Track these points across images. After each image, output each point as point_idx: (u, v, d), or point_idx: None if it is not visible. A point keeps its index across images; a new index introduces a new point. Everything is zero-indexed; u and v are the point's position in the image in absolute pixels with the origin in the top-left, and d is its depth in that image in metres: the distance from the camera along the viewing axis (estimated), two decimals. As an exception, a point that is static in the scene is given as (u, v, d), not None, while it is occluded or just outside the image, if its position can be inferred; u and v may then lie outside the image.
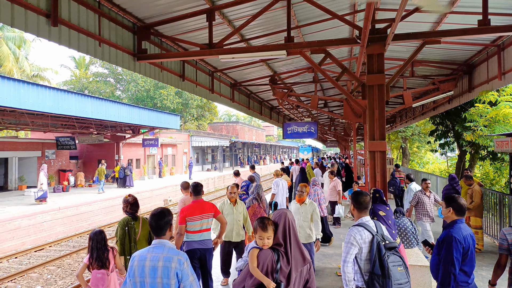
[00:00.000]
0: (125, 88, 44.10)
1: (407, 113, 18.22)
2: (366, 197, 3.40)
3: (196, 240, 4.84)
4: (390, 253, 3.14)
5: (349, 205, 6.47)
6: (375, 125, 5.81)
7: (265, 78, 11.22)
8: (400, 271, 3.11)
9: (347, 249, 3.23)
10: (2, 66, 29.83)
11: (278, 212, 3.01)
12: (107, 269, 4.06)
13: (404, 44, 8.36)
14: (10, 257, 11.30)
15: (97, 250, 4.07)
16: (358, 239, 3.20)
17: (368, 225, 3.29)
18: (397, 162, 33.11)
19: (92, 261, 4.06)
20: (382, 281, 3.05)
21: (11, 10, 4.32)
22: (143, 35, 6.60)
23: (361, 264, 3.23)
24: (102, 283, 3.99)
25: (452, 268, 3.27)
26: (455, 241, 3.30)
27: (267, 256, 2.81)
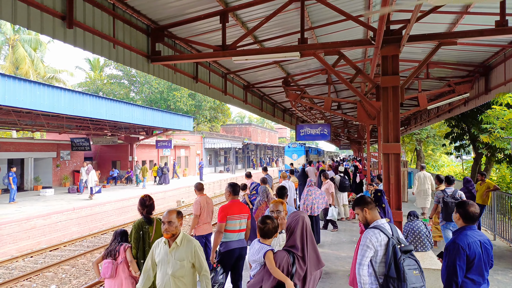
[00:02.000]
0: (139, 90, 44.59)
1: (421, 115, 17.96)
2: (367, 197, 3.42)
3: (235, 239, 4.88)
4: (406, 256, 3.10)
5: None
6: (389, 127, 5.73)
7: (278, 80, 11.19)
8: (415, 275, 3.07)
9: (363, 252, 3.20)
10: (19, 68, 30.51)
11: (295, 215, 2.98)
12: (115, 259, 4.25)
13: (419, 45, 8.24)
14: (26, 256, 11.50)
15: (112, 243, 4.37)
16: (374, 241, 3.16)
17: (384, 227, 3.25)
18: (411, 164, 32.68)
19: (105, 251, 4.35)
20: (397, 284, 3.01)
21: (28, 13, 4.39)
22: (157, 37, 6.65)
23: (376, 267, 3.19)
24: (107, 271, 4.16)
25: (454, 277, 3.21)
26: (458, 248, 3.24)
27: (283, 258, 2.79)
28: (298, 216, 2.93)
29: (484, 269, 3.27)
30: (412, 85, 12.09)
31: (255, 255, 3.06)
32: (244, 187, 8.40)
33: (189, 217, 18.35)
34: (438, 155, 36.71)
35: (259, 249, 3.06)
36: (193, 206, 6.58)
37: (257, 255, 3.02)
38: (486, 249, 3.28)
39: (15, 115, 15.92)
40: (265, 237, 3.17)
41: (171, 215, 3.35)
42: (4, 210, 14.01)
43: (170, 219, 3.31)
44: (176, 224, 3.33)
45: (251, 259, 3.14)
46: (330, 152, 62.97)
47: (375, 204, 3.47)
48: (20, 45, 31.14)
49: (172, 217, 3.34)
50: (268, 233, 3.16)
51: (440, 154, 36.31)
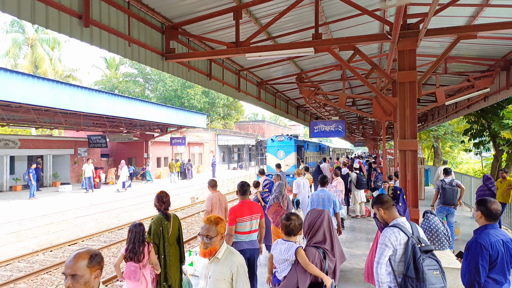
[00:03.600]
0: (154, 87, 44.99)
1: (439, 112, 17.61)
2: (385, 196, 3.34)
3: (244, 240, 4.78)
4: (426, 256, 3.03)
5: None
6: (406, 124, 5.62)
7: (291, 76, 11.13)
8: (435, 275, 3.00)
9: (381, 251, 3.14)
10: (39, 67, 31.16)
11: (317, 211, 2.94)
12: (141, 262, 4.12)
13: (437, 39, 8.06)
14: (45, 250, 11.77)
15: (133, 242, 4.14)
16: (393, 240, 3.10)
17: (404, 226, 3.18)
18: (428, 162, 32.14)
19: (127, 252, 4.14)
20: (416, 284, 2.95)
21: (46, 12, 4.46)
22: (171, 35, 6.68)
23: (395, 266, 3.14)
24: (133, 275, 4.06)
25: (477, 276, 3.13)
26: (480, 247, 3.15)
27: (315, 254, 2.76)
28: (322, 212, 2.89)
29: (506, 268, 3.19)
30: (429, 80, 11.85)
31: (284, 254, 2.97)
32: (256, 184, 8.38)
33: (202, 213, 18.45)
34: (456, 152, 35.99)
35: (287, 247, 2.97)
36: (205, 203, 6.61)
37: (287, 254, 2.94)
38: (508, 248, 3.18)
39: (34, 113, 16.27)
40: (290, 234, 3.09)
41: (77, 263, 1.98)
42: (24, 205, 14.36)
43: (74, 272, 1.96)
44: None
45: (279, 259, 3.03)
46: (339, 149, 53.52)
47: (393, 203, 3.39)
48: (38, 44, 31.79)
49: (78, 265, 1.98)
50: (294, 230, 3.08)
51: (458, 151, 35.59)
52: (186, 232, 14.37)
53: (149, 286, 4.16)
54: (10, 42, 31.08)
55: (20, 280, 9.00)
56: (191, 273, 6.39)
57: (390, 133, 24.19)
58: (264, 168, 18.74)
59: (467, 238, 8.75)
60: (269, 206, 6.31)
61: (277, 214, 6.17)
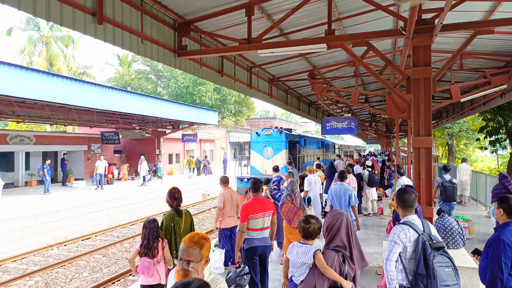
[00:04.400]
0: (166, 84, 45.28)
1: (454, 109, 17.31)
2: (411, 195, 3.25)
3: (256, 237, 4.76)
4: (437, 253, 2.99)
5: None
6: (420, 121, 5.54)
7: (303, 72, 11.06)
8: (447, 272, 2.95)
9: (390, 247, 3.11)
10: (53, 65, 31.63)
11: (337, 214, 2.89)
12: (155, 258, 4.16)
13: (452, 35, 7.91)
14: (60, 244, 11.97)
15: (148, 238, 4.17)
16: (402, 237, 3.07)
17: (414, 223, 3.14)
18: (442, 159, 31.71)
19: (142, 248, 4.18)
20: (427, 281, 2.92)
21: (60, 10, 4.51)
22: (183, 32, 6.69)
23: (406, 263, 3.12)
24: (147, 271, 4.10)
25: (499, 273, 3.08)
26: (503, 244, 3.10)
27: (334, 258, 2.71)
28: (341, 215, 2.83)
29: None
30: (444, 76, 11.66)
31: (301, 257, 2.91)
32: (267, 181, 8.34)
33: (214, 210, 18.54)
34: (471, 150, 35.40)
35: (305, 250, 2.91)
36: (217, 199, 6.63)
37: (305, 257, 2.88)
38: None
39: (49, 110, 16.53)
40: (308, 238, 3.04)
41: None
42: (39, 200, 14.63)
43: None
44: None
45: (296, 262, 2.98)
46: (348, 146, 48.34)
47: None
48: (53, 42, 32.25)
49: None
50: (313, 233, 3.03)
51: (473, 149, 35.00)
52: (198, 228, 14.46)
53: (163, 281, 4.20)
54: (26, 39, 31.60)
55: (35, 273, 9.18)
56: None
57: (404, 131, 23.90)
58: (248, 170, 16.75)
59: (481, 237, 8.61)
60: (282, 204, 6.29)
61: (290, 211, 6.16)
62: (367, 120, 23.56)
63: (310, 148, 21.06)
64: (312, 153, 20.94)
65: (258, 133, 16.38)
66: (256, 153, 16.18)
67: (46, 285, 8.58)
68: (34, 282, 8.72)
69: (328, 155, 26.76)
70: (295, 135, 17.72)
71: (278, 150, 15.67)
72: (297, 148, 17.24)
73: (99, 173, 18.86)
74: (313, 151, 21.55)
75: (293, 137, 17.03)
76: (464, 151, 34.50)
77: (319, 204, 9.17)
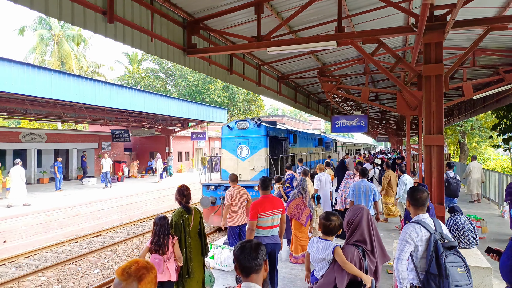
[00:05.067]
0: (175, 83, 45.46)
1: (466, 106, 17.08)
2: (423, 193, 3.21)
3: (266, 235, 4.76)
4: (449, 252, 2.95)
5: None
6: (432, 118, 5.47)
7: (313, 70, 11.01)
8: (460, 272, 2.92)
9: (401, 247, 3.08)
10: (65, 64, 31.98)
11: (357, 209, 2.89)
12: (165, 255, 4.18)
13: (465, 31, 7.78)
14: (71, 241, 12.13)
15: (158, 235, 4.19)
16: (414, 236, 3.04)
17: (426, 222, 3.11)
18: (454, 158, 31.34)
19: (152, 245, 4.20)
20: (439, 281, 2.88)
21: (72, 9, 4.56)
22: (193, 30, 6.70)
23: (417, 263, 3.09)
24: (158, 268, 4.10)
25: None
26: None
27: (353, 253, 2.72)
28: (361, 210, 2.83)
29: None
30: (456, 74, 11.50)
31: (321, 253, 2.94)
32: (278, 179, 8.35)
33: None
34: (484, 148, 34.90)
35: (324, 246, 2.94)
36: (225, 197, 6.63)
37: (325, 252, 2.91)
38: None
39: (60, 108, 16.72)
40: (329, 234, 3.07)
41: None
42: (51, 197, 14.83)
43: None
44: None
45: (316, 258, 3.00)
46: (353, 144, 43.29)
47: None
48: (64, 41, 32.60)
49: None
50: (334, 230, 3.05)
51: (485, 147, 34.50)
52: (207, 225, 14.52)
53: (173, 278, 4.22)
54: (37, 39, 31.98)
55: (47, 269, 9.31)
56: (212, 266, 6.45)
57: (415, 128, 23.67)
58: (217, 175, 14.09)
59: (494, 236, 8.49)
60: (290, 200, 6.28)
61: (298, 207, 6.14)
62: (377, 118, 23.36)
63: (304, 146, 17.61)
64: (306, 152, 17.44)
65: (230, 126, 12.69)
66: (228, 152, 12.67)
67: (58, 281, 8.70)
68: (46, 278, 8.85)
69: (328, 154, 22.77)
70: (280, 129, 14.20)
71: (256, 148, 12.14)
72: (283, 146, 14.07)
73: (104, 172, 18.95)
74: (307, 149, 18.19)
75: (277, 132, 13.56)
76: (476, 149, 34.02)
77: (329, 202, 9.14)
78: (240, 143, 12.38)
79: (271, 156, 12.22)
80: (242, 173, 12.16)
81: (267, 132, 12.20)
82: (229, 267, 6.44)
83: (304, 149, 17.37)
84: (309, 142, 18.92)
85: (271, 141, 12.63)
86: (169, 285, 4.26)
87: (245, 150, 12.31)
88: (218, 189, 11.91)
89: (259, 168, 11.89)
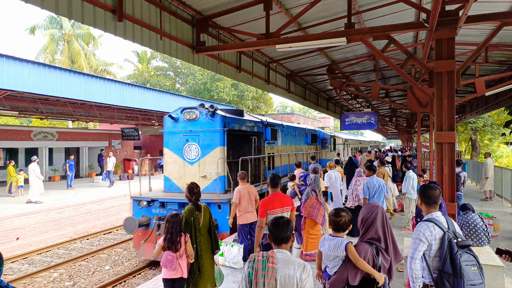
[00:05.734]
0: (184, 81, 45.63)
1: (478, 103, 16.83)
2: (435, 191, 3.16)
3: None
4: (463, 251, 2.92)
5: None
6: (443, 115, 5.39)
7: (322, 67, 10.94)
8: (473, 271, 2.89)
9: (415, 246, 3.04)
10: (75, 62, 32.30)
11: (372, 206, 2.87)
12: (178, 252, 4.19)
13: (478, 26, 7.65)
14: (82, 238, 12.28)
15: (171, 232, 4.19)
16: (427, 235, 3.00)
17: (439, 220, 3.06)
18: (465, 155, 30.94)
19: (165, 242, 4.19)
20: (453, 280, 2.86)
21: (82, 8, 4.59)
22: (202, 28, 6.70)
23: (430, 261, 3.05)
24: (170, 264, 4.13)
25: None
26: None
27: (367, 250, 2.70)
28: (376, 207, 2.81)
29: None
30: (468, 70, 11.33)
31: (333, 250, 2.93)
32: (292, 177, 8.29)
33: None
34: (496, 145, 34.38)
35: (336, 243, 2.92)
36: (234, 195, 6.62)
37: (337, 250, 2.89)
38: None
39: (71, 107, 16.91)
40: (339, 230, 3.06)
41: None
42: (63, 195, 15.02)
43: None
44: None
45: (329, 255, 2.99)
46: (359, 142, 38.62)
47: None
48: (74, 40, 32.92)
49: None
50: (344, 226, 3.04)
51: (498, 144, 33.98)
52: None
53: (185, 275, 4.24)
54: (48, 38, 32.33)
55: (59, 266, 9.44)
56: (221, 264, 6.46)
57: (425, 125, 23.40)
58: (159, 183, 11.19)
59: (506, 234, 8.39)
60: (305, 200, 6.26)
61: (313, 207, 6.12)
62: (387, 115, 23.16)
63: (290, 143, 14.32)
64: (294, 151, 14.31)
65: (174, 116, 9.41)
66: (172, 152, 9.42)
67: (70, 277, 8.81)
68: (58, 274, 8.97)
69: (325, 153, 19.53)
70: (249, 120, 10.58)
71: (209, 147, 8.95)
72: (253, 144, 10.61)
73: (107, 170, 18.87)
74: (296, 148, 14.98)
75: (243, 125, 10.16)
76: (488, 147, 33.55)
77: (340, 200, 9.09)
78: (187, 140, 9.17)
79: (233, 158, 9.27)
80: (191, 180, 7.30)
81: (224, 124, 8.97)
82: (238, 265, 6.45)
83: (291, 147, 14.24)
84: (297, 139, 15.71)
85: (233, 137, 9.47)
86: (180, 282, 4.29)
87: (194, 149, 9.08)
88: (153, 205, 8.54)
89: (213, 175, 8.83)
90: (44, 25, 33.03)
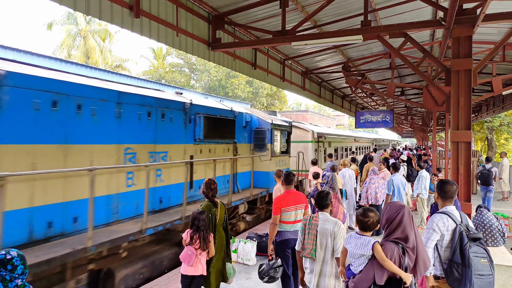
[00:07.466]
0: (199, 77, 45.89)
1: (495, 102, 16.51)
2: (452, 186, 3.32)
3: (289, 230, 4.71)
4: (474, 244, 3.06)
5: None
6: (460, 114, 5.34)
7: (337, 65, 10.90)
8: (483, 263, 3.02)
9: (428, 235, 3.20)
10: (90, 58, 32.81)
11: (398, 206, 2.89)
12: (205, 250, 4.16)
13: (495, 25, 7.52)
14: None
15: (202, 230, 4.13)
16: (440, 226, 3.16)
17: (453, 214, 3.21)
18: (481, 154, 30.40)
19: (195, 239, 4.11)
20: (462, 269, 3.00)
21: (99, 4, 4.69)
22: (217, 24, 6.76)
23: (441, 252, 3.20)
24: (188, 260, 4.09)
25: None
26: None
27: (393, 250, 2.73)
28: (402, 207, 2.83)
29: None
30: (485, 68, 11.13)
31: (359, 248, 2.94)
32: (316, 175, 8.26)
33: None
34: (513, 145, 33.66)
35: (363, 242, 2.94)
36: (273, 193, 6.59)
37: (364, 248, 2.91)
38: None
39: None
40: (366, 230, 3.07)
41: None
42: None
43: None
44: None
45: (355, 253, 3.00)
46: (371, 140, 29.17)
47: None
48: (90, 36, 33.42)
49: None
50: (372, 226, 3.05)
51: (515, 144, 33.27)
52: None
53: (205, 272, 4.21)
54: (65, 34, 32.90)
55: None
56: (234, 260, 6.50)
57: (441, 124, 23.08)
58: None
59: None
60: None
61: (333, 206, 6.15)
62: (402, 114, 22.89)
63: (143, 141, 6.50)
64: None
65: None
66: None
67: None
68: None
69: (257, 160, 9.55)
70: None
71: None
72: None
73: None
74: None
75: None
76: (504, 146, 32.86)
77: (353, 198, 9.07)
78: None
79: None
80: None
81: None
82: (251, 261, 6.44)
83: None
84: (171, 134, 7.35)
85: None
86: (199, 279, 4.26)
87: None
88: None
89: None
90: (62, 20, 33.61)
